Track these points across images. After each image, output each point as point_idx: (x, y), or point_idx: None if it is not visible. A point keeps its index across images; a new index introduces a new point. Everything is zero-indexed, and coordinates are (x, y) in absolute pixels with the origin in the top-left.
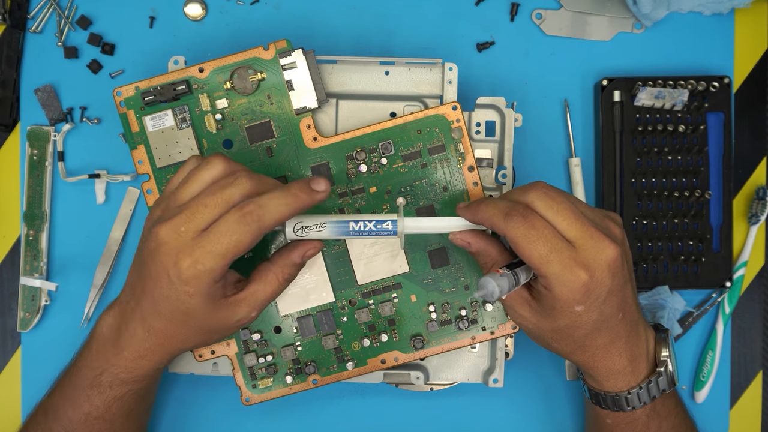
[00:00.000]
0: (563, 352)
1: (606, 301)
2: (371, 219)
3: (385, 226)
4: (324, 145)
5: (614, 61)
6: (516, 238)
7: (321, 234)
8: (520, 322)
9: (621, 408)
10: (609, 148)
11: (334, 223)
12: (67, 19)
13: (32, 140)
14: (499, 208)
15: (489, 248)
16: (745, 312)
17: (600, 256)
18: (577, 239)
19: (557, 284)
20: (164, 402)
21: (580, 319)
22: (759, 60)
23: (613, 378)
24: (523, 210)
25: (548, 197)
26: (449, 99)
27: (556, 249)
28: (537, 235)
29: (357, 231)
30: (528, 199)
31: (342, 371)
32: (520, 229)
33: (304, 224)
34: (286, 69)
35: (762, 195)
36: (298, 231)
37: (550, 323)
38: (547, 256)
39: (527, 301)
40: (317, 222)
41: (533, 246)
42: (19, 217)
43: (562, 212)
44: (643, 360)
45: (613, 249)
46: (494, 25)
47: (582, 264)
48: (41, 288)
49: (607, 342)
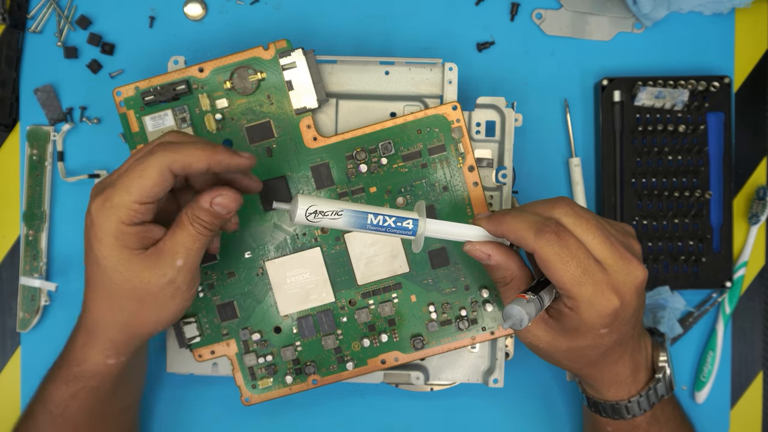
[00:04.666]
0: (571, 368)
1: (628, 322)
2: (392, 215)
3: (405, 224)
4: (324, 145)
5: (614, 61)
6: (548, 256)
7: (336, 222)
8: (532, 341)
9: (621, 416)
10: (609, 148)
11: (351, 212)
12: (67, 19)
13: (32, 140)
14: (528, 222)
15: (509, 262)
16: (746, 312)
17: (629, 279)
18: (607, 260)
19: (587, 308)
20: (164, 402)
21: (601, 341)
22: (759, 60)
23: (614, 388)
24: (555, 227)
25: (576, 214)
26: (449, 99)
27: (589, 271)
28: (570, 256)
29: (374, 225)
30: (555, 215)
31: (342, 371)
32: (553, 247)
33: (318, 208)
34: (286, 69)
35: (762, 195)
36: (310, 216)
37: (567, 343)
38: (580, 278)
39: (544, 320)
40: (333, 208)
41: (566, 267)
42: (19, 217)
43: (591, 230)
44: (642, 368)
45: (641, 271)
46: (494, 25)
47: (613, 288)
48: (41, 288)
49: (617, 357)
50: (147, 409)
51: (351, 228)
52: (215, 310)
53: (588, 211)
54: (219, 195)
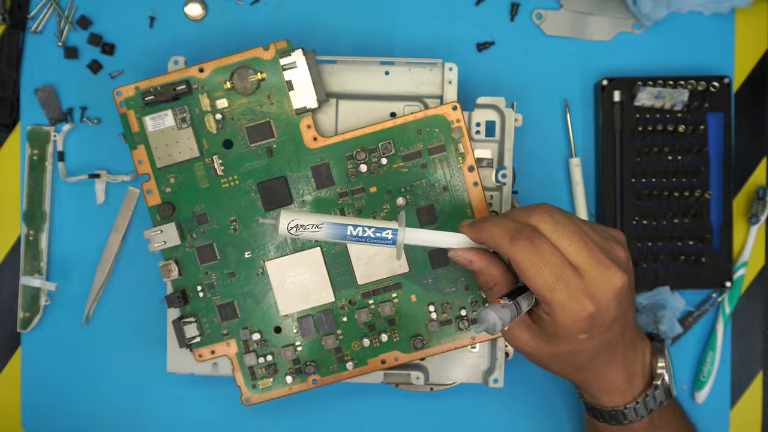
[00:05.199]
0: (561, 374)
1: (609, 328)
2: (371, 225)
3: (384, 235)
4: (324, 145)
5: (614, 61)
6: (521, 263)
7: (316, 235)
8: (518, 345)
9: (618, 422)
10: (609, 148)
11: (331, 225)
12: (67, 19)
13: (32, 140)
14: (504, 229)
15: (491, 268)
16: (746, 312)
17: (606, 285)
18: (583, 265)
19: (561, 313)
20: (164, 402)
21: (581, 346)
22: (759, 60)
23: (609, 394)
24: (529, 233)
25: (553, 220)
26: (449, 99)
27: (563, 277)
28: (543, 262)
29: (354, 236)
30: (533, 221)
31: (342, 371)
32: (526, 254)
33: (299, 222)
34: (286, 69)
35: (762, 195)
36: (292, 229)
37: (550, 348)
38: (553, 284)
39: (527, 325)
40: (314, 222)
41: (539, 273)
42: (19, 217)
43: (568, 236)
44: (639, 375)
45: (619, 277)
46: (494, 25)
47: (588, 294)
48: (41, 288)
49: (606, 363)
50: (147, 409)
51: (332, 239)
52: (215, 310)
53: (568, 216)
54: None
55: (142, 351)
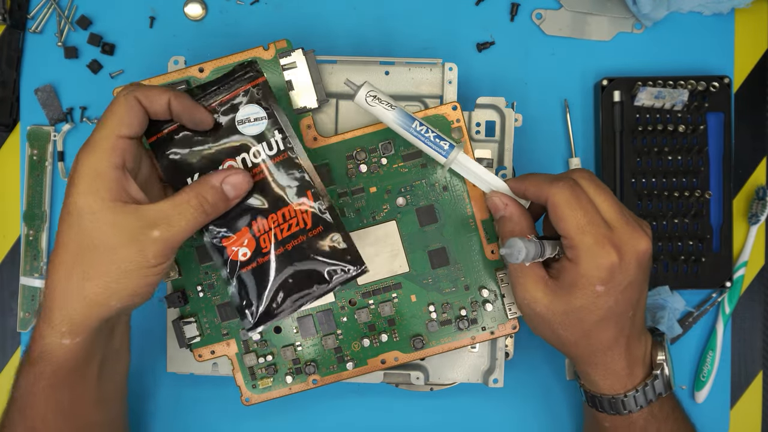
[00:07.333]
0: (567, 341)
1: (625, 291)
2: (434, 130)
3: (441, 144)
4: (324, 145)
5: (614, 61)
6: (558, 203)
7: (386, 114)
8: (530, 303)
9: (618, 411)
10: (609, 148)
11: (401, 111)
12: (67, 19)
13: (32, 140)
14: (548, 176)
15: (520, 217)
16: (746, 312)
17: (633, 243)
18: (614, 222)
19: (586, 257)
20: (164, 402)
21: (596, 302)
22: (759, 60)
23: (610, 379)
24: (570, 181)
25: (593, 179)
26: (449, 99)
27: (594, 223)
28: (579, 205)
29: (417, 131)
30: (574, 176)
31: (342, 371)
32: (564, 193)
33: (378, 94)
34: (286, 69)
35: (762, 195)
36: (369, 98)
37: (564, 304)
38: (584, 226)
39: (544, 281)
40: (389, 100)
41: (573, 213)
42: (19, 217)
43: (603, 194)
44: (640, 364)
45: (645, 241)
46: (494, 25)
47: (615, 245)
48: (41, 288)
49: (612, 338)
50: (147, 409)
51: (396, 125)
52: (215, 310)
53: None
54: (233, 174)
55: (142, 351)
